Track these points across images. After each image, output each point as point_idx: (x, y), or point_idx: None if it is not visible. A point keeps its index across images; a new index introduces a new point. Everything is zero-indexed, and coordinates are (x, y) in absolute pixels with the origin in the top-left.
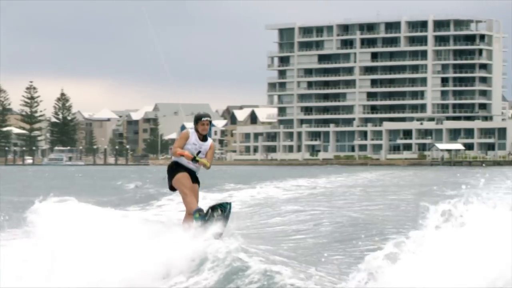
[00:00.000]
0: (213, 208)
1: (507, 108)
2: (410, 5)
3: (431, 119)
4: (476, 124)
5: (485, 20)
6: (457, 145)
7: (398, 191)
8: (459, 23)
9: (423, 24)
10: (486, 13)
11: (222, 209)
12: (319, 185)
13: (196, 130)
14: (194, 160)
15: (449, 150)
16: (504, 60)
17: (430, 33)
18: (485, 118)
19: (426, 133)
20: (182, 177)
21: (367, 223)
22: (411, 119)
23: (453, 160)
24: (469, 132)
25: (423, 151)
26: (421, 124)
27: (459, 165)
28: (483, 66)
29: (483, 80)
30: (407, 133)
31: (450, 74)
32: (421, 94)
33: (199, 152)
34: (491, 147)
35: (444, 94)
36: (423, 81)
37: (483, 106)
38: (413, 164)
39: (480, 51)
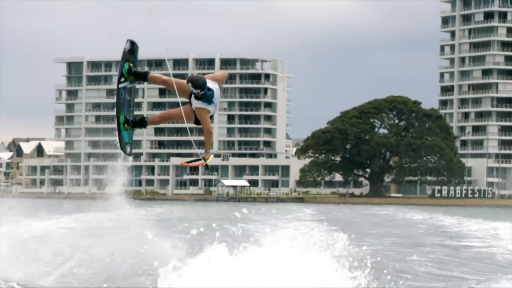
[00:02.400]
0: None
1: (290, 146)
2: (197, 42)
3: (217, 155)
4: (261, 161)
5: (270, 60)
6: (242, 182)
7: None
8: (245, 62)
9: (210, 62)
10: (271, 53)
11: None
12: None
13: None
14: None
15: (234, 186)
16: (288, 99)
17: (217, 71)
18: (270, 156)
19: (212, 169)
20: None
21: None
22: (198, 155)
23: (238, 196)
24: (254, 169)
25: (210, 186)
26: None
27: (244, 201)
28: (268, 105)
29: (268, 118)
30: (194, 169)
31: (236, 112)
32: None
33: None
34: (275, 184)
35: (230, 131)
36: (210, 117)
37: (267, 144)
38: (199, 200)
39: (265, 90)
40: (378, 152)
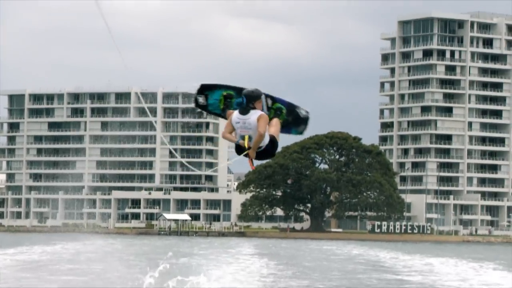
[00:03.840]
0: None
1: (232, 181)
2: (140, 76)
3: (159, 189)
4: (203, 195)
5: None
6: (184, 215)
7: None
8: (187, 96)
9: (152, 96)
10: None
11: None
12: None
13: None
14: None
15: (176, 220)
16: None
17: (159, 105)
18: (211, 190)
19: (154, 202)
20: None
21: None
22: (140, 188)
23: (180, 230)
24: (196, 203)
25: (151, 220)
26: (150, 194)
27: (186, 235)
28: (210, 139)
29: (210, 152)
30: (136, 202)
31: (178, 146)
32: (150, 164)
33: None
34: (216, 218)
35: (172, 165)
36: (152, 151)
37: (209, 178)
38: (141, 233)
39: (207, 124)
40: (318, 187)
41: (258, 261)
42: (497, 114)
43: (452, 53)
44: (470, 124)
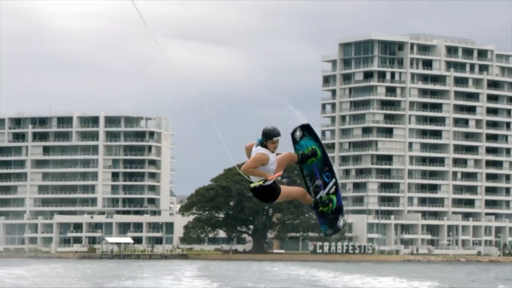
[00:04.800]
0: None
1: (175, 203)
2: (82, 100)
3: (101, 212)
4: (145, 219)
5: (155, 118)
6: (127, 239)
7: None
8: (129, 120)
9: (94, 120)
10: (156, 111)
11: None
12: None
13: (265, 147)
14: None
15: (118, 244)
16: (172, 157)
17: (102, 129)
18: (154, 213)
19: (96, 226)
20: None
21: None
22: (82, 212)
23: (123, 253)
24: (138, 226)
25: (94, 244)
26: (92, 217)
27: (129, 258)
28: (152, 162)
29: (152, 175)
30: (78, 226)
31: (121, 169)
32: (92, 188)
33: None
34: (159, 240)
35: (114, 188)
36: (94, 175)
37: (152, 201)
38: (83, 257)
39: (150, 147)
40: (261, 209)
41: (201, 283)
42: (437, 134)
43: (392, 74)
44: (410, 144)
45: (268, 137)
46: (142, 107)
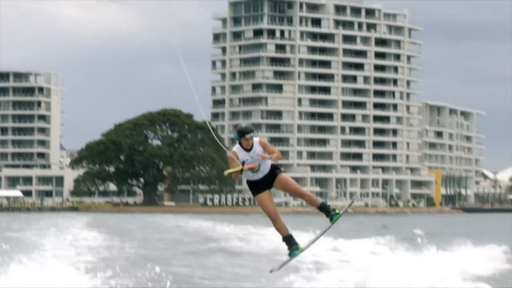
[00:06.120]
0: None
1: (65, 157)
2: None
3: None
4: (35, 172)
5: (44, 74)
6: (16, 192)
7: None
8: (18, 76)
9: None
10: (45, 67)
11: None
12: None
13: (240, 143)
14: (241, 171)
15: (8, 197)
16: (62, 111)
17: None
18: (44, 167)
19: None
20: (261, 201)
21: None
22: None
23: (12, 207)
24: (28, 180)
25: None
26: None
27: (18, 211)
28: (42, 117)
29: (42, 130)
30: None
31: (10, 124)
32: None
33: (243, 162)
34: (49, 194)
35: (3, 143)
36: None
37: (42, 155)
38: None
39: (39, 102)
40: (151, 163)
41: (89, 234)
42: (326, 90)
43: (282, 32)
44: (299, 100)
45: (241, 135)
46: (31, 63)
